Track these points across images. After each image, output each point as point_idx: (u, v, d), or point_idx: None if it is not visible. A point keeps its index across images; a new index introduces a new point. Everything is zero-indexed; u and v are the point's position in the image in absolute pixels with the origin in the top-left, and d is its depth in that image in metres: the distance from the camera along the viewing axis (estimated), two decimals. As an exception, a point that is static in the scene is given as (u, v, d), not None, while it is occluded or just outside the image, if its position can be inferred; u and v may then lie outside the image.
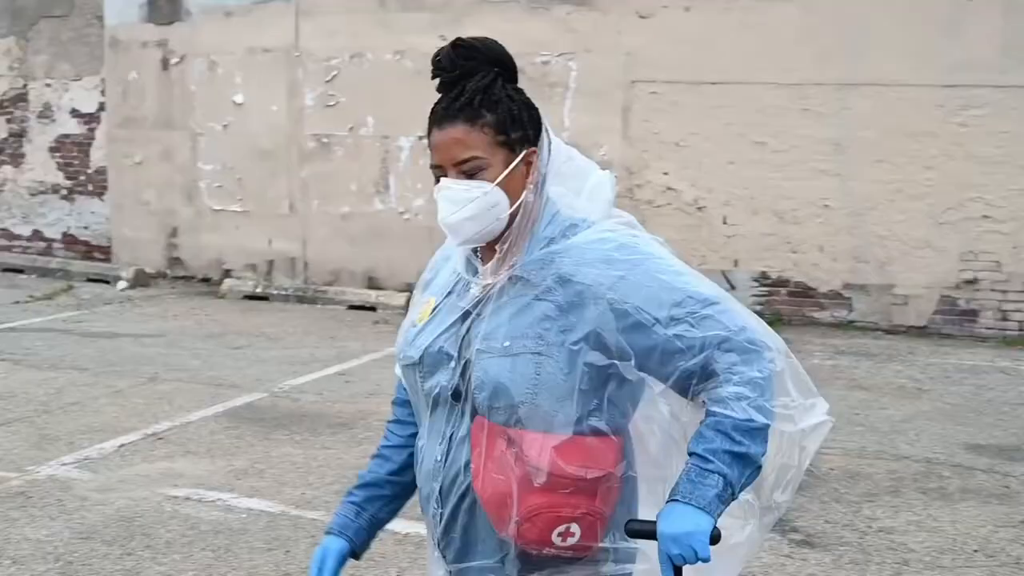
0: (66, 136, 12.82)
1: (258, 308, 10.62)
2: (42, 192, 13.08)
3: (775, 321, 9.41)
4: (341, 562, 2.18)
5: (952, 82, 9.07)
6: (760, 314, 9.08)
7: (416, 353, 2.10)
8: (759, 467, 1.95)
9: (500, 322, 1.99)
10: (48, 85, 12.85)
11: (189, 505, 5.21)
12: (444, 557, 2.10)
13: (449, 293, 2.12)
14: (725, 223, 9.67)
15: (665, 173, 9.79)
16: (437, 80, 2.04)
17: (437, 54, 2.03)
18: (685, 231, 9.75)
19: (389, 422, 2.32)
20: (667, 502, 1.92)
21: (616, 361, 1.95)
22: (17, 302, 10.67)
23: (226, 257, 11.77)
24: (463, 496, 2.02)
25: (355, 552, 2.21)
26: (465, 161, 1.97)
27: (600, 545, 1.99)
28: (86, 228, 12.84)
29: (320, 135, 11.10)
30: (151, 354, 8.44)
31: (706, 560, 1.87)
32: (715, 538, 1.88)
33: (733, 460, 1.90)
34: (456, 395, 2.03)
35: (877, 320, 9.48)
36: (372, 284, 11.03)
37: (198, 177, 11.87)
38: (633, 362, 1.94)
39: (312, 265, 11.36)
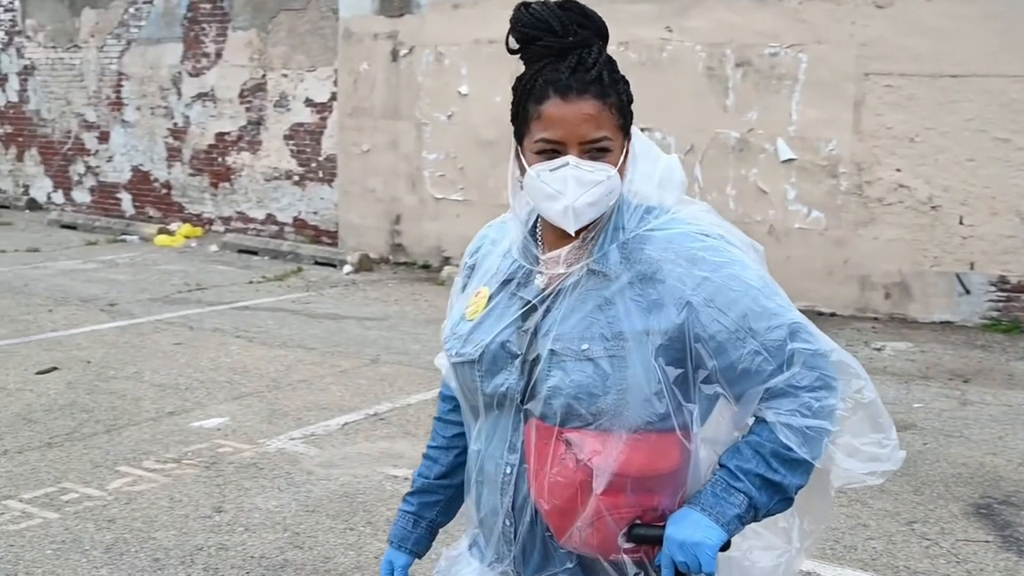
0: (300, 124, 13.36)
1: (476, 296, 10.75)
2: (276, 178, 13.68)
3: (1013, 328, 8.87)
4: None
5: None
6: (997, 321, 8.57)
7: (475, 351, 1.93)
8: (791, 499, 1.83)
9: (576, 321, 1.84)
10: (285, 75, 13.41)
11: (407, 485, 5.32)
12: (518, 573, 1.97)
13: (506, 282, 1.95)
14: (961, 223, 9.16)
15: (897, 170, 9.36)
16: (515, 40, 1.86)
17: (529, 11, 1.84)
18: (917, 231, 9.31)
19: (435, 419, 2.23)
20: (684, 507, 1.81)
21: (690, 369, 1.82)
22: (251, 282, 11.20)
23: (446, 245, 12.01)
24: (537, 510, 1.89)
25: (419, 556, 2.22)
26: (596, 141, 1.81)
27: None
28: (315, 213, 13.35)
29: (541, 126, 11.14)
30: (373, 336, 8.69)
31: (710, 573, 1.77)
32: (723, 548, 1.80)
33: (764, 485, 1.80)
34: (524, 399, 1.88)
35: None
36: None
37: (422, 166, 12.16)
38: (710, 373, 1.81)
39: (529, 255, 11.43)
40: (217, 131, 14.18)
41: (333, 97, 12.95)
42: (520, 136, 1.88)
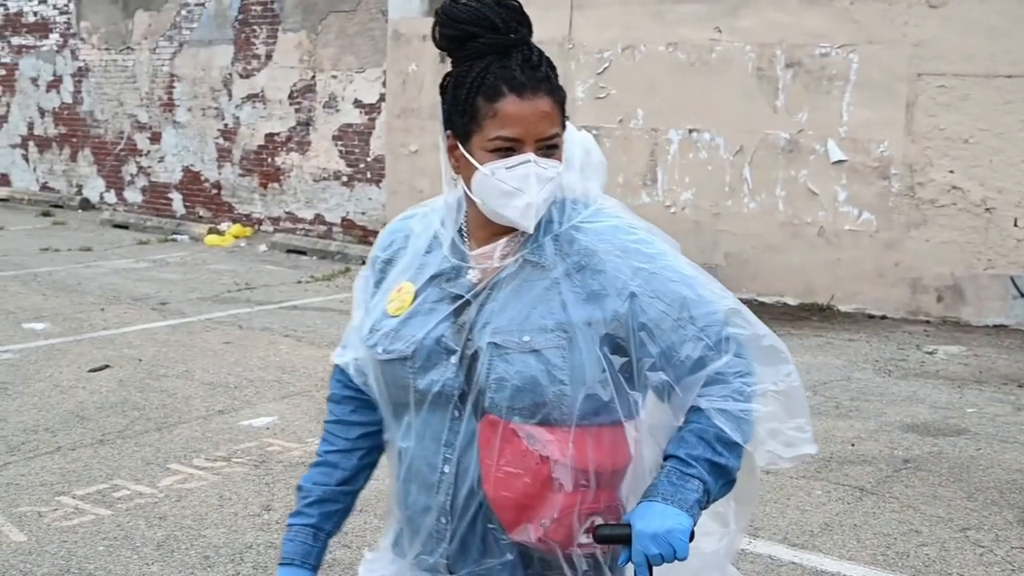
0: (348, 125, 13.43)
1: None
2: (324, 178, 13.76)
3: (1069, 333, 8.72)
4: None
5: None
6: (1053, 325, 8.25)
7: (407, 347, 1.89)
8: (734, 480, 1.87)
9: (515, 313, 1.84)
10: (334, 77, 13.49)
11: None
12: (451, 571, 1.93)
13: (434, 277, 1.92)
14: (1016, 225, 9.02)
15: (950, 171, 9.24)
16: (448, 36, 1.82)
17: (466, 7, 1.79)
18: (970, 233, 9.18)
19: (329, 422, 2.13)
20: (644, 501, 1.82)
21: (634, 357, 1.84)
22: (299, 282, 11.27)
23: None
24: (481, 505, 1.87)
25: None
26: (550, 138, 1.82)
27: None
28: (363, 213, 13.42)
29: (589, 127, 11.11)
30: (421, 337, 8.69)
31: (683, 559, 1.79)
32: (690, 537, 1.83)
33: (712, 469, 1.83)
34: (463, 395, 1.86)
35: None
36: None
37: (469, 167, 12.16)
38: (655, 360, 1.83)
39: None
40: (267, 132, 14.30)
41: (382, 98, 13.01)
42: (467, 133, 1.83)
